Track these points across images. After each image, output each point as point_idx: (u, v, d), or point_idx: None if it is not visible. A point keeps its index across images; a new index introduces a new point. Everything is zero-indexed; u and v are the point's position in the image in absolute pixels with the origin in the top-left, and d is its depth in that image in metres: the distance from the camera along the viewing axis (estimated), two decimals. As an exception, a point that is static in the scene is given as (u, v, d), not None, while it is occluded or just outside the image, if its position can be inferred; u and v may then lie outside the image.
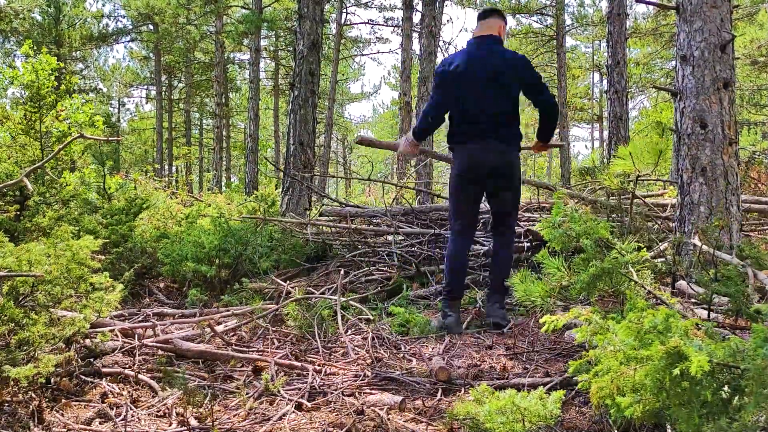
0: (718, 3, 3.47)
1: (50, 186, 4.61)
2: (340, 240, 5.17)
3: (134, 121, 31.62)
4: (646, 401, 1.14)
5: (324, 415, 2.10)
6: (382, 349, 3.00)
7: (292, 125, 7.40)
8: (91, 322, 2.47)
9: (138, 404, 2.19)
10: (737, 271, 2.42)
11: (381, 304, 3.80)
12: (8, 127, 5.29)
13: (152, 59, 25.19)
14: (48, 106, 5.07)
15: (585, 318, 1.46)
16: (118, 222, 4.84)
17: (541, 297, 2.41)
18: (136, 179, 11.05)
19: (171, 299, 4.55)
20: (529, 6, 19.11)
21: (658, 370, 1.11)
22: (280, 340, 3.14)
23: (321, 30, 7.56)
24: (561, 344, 2.89)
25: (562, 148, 17.25)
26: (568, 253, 2.70)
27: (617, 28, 10.01)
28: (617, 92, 10.09)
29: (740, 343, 1.14)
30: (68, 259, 2.34)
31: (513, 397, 1.61)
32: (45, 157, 4.90)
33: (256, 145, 15.30)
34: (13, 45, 21.45)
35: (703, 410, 1.12)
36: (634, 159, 3.87)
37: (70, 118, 5.90)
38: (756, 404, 1.04)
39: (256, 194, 7.67)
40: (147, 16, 20.33)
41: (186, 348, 2.80)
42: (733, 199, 3.46)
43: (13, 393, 2.08)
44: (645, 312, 1.24)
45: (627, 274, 2.24)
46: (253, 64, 16.27)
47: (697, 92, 3.48)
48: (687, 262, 3.39)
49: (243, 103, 27.81)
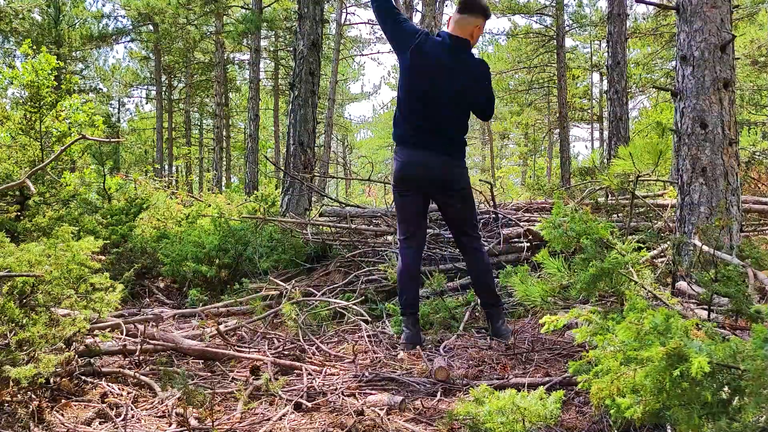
0: (718, 3, 3.47)
1: (50, 186, 4.61)
2: (340, 240, 5.17)
3: (134, 121, 31.64)
4: (646, 402, 1.14)
5: (324, 415, 2.10)
6: (382, 349, 3.00)
7: (292, 125, 7.40)
8: (92, 322, 2.47)
9: (138, 404, 2.19)
10: (737, 271, 2.42)
11: (381, 304, 3.80)
12: (8, 127, 5.29)
13: (152, 59, 25.19)
14: (48, 106, 5.08)
15: (585, 318, 1.46)
16: (118, 222, 4.84)
17: (541, 297, 2.42)
18: (136, 179, 11.05)
19: (171, 299, 4.55)
20: (529, 6, 19.11)
21: (658, 371, 1.11)
22: (280, 340, 3.14)
23: (321, 30, 7.56)
24: (561, 344, 2.89)
25: (563, 148, 17.25)
26: (569, 253, 2.70)
27: (617, 28, 10.01)
28: (617, 92, 10.09)
29: (740, 344, 1.15)
30: (68, 260, 2.34)
31: (513, 397, 1.61)
32: (45, 156, 4.90)
33: (256, 145, 15.30)
34: (13, 45, 21.45)
35: (703, 411, 1.12)
36: (634, 159, 3.87)
37: (69, 118, 5.90)
38: (756, 405, 1.04)
39: (256, 194, 7.68)
40: (147, 16, 20.31)
41: (186, 347, 2.81)
42: (734, 200, 3.46)
43: (13, 393, 2.08)
44: (645, 313, 1.24)
45: (627, 275, 2.24)
46: (253, 64, 16.27)
47: (698, 92, 3.47)
48: (687, 263, 3.39)
49: (243, 103, 27.82)
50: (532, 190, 12.16)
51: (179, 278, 4.68)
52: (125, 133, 29.45)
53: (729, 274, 2.33)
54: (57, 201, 4.57)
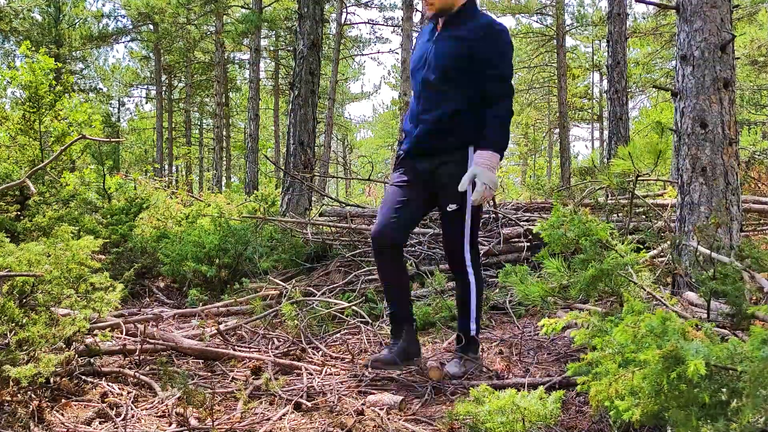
0: (719, 3, 3.47)
1: (50, 186, 4.61)
2: (340, 240, 5.17)
3: (134, 120, 31.65)
4: (644, 404, 1.14)
5: (324, 415, 2.10)
6: (381, 349, 3.00)
7: (292, 125, 7.40)
8: (92, 322, 2.47)
9: (138, 404, 2.19)
10: (734, 268, 2.42)
11: (381, 304, 3.80)
12: (8, 127, 5.30)
13: (152, 59, 25.19)
14: (47, 106, 5.08)
15: (583, 320, 1.47)
16: (118, 222, 4.85)
17: (541, 297, 2.42)
18: (136, 179, 11.05)
19: (171, 299, 4.56)
20: (529, 6, 19.11)
21: (656, 373, 1.11)
22: (279, 340, 3.14)
23: (321, 30, 7.56)
24: (561, 344, 2.89)
25: (563, 148, 17.25)
26: (569, 253, 2.70)
27: (617, 27, 10.01)
28: (617, 92, 10.09)
29: (738, 345, 1.15)
30: (68, 259, 2.34)
31: (513, 397, 1.61)
32: (44, 156, 4.90)
33: (256, 144, 15.30)
34: (13, 45, 21.46)
35: (701, 413, 1.13)
36: (633, 159, 3.87)
37: (68, 117, 5.90)
38: (754, 406, 1.05)
39: (256, 194, 7.68)
40: (147, 15, 20.31)
41: (186, 347, 2.81)
42: (734, 199, 3.46)
43: (13, 393, 2.08)
44: (642, 315, 1.25)
45: (626, 275, 2.24)
46: (253, 63, 16.27)
47: (697, 92, 3.47)
48: (687, 262, 3.39)
49: (243, 103, 27.81)
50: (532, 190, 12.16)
51: (179, 278, 4.68)
52: (125, 132, 29.46)
53: (726, 271, 2.33)
54: (57, 201, 4.57)
